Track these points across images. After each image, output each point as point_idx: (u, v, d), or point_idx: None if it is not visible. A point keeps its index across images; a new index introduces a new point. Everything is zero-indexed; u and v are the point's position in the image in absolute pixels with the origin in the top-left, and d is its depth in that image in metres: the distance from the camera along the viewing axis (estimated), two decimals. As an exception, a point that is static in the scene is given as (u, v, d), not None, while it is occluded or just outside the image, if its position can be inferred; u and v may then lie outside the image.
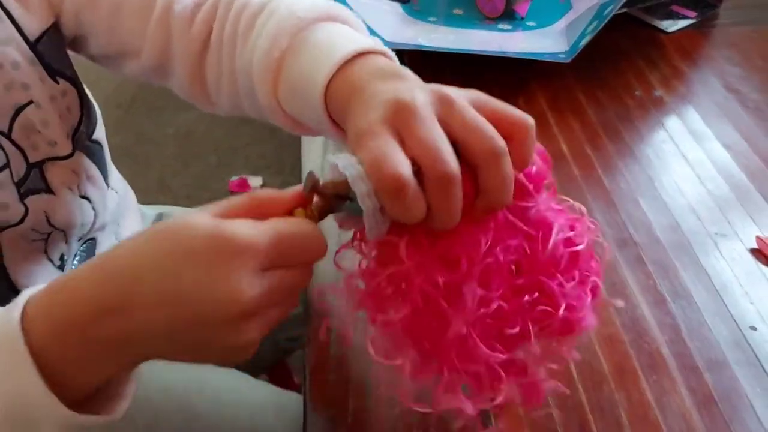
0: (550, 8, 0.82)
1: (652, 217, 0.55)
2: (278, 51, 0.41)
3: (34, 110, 0.46)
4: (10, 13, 0.44)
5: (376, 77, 0.35)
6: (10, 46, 0.44)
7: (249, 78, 0.44)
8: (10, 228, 0.46)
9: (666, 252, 0.52)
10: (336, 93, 0.37)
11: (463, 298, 0.30)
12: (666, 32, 0.80)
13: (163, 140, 1.69)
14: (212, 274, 0.28)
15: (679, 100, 0.69)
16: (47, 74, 0.47)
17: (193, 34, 0.47)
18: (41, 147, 0.47)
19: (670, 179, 0.59)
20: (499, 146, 0.30)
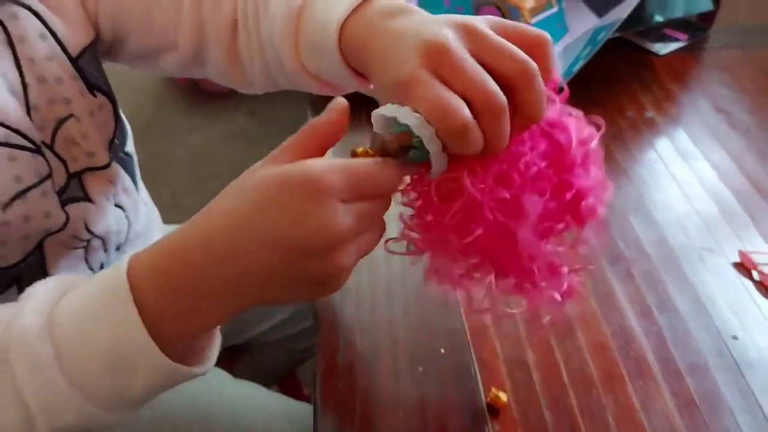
0: (547, 32, 0.86)
1: (641, 233, 0.58)
2: (294, 9, 0.44)
3: (74, 123, 0.50)
4: (54, 32, 0.48)
5: (386, 16, 0.38)
6: (54, 62, 0.48)
7: (274, 46, 0.47)
8: (53, 235, 0.49)
9: (654, 266, 0.55)
10: (351, 39, 0.40)
11: (523, 208, 0.35)
12: (658, 55, 0.83)
13: (177, 160, 1.74)
14: (303, 214, 0.31)
15: (669, 121, 0.72)
16: (87, 89, 0.50)
17: (223, 16, 0.50)
18: (80, 158, 0.51)
19: (659, 197, 0.62)
20: (532, 67, 0.33)
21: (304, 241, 0.32)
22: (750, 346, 0.48)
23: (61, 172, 0.49)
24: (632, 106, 0.74)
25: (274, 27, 0.46)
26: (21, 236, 0.46)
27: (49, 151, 0.48)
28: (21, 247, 0.47)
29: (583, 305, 0.52)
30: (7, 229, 0.45)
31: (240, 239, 0.32)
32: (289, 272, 0.33)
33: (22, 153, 0.45)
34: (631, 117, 0.73)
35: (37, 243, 0.48)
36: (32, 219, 0.46)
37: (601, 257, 0.56)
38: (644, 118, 0.72)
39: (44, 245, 0.49)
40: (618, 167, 0.66)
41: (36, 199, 0.46)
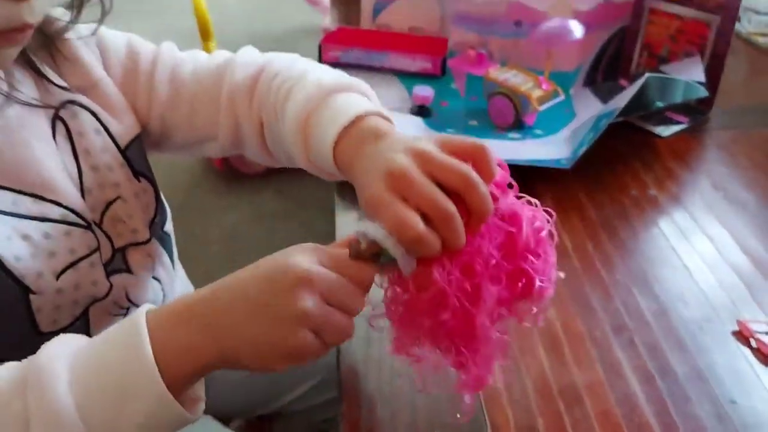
0: (556, 118, 0.93)
1: (644, 304, 0.62)
2: (301, 122, 0.52)
3: (121, 204, 0.57)
4: (107, 127, 0.57)
5: (364, 140, 0.47)
6: (107, 153, 0.56)
7: (288, 145, 0.55)
8: (98, 302, 0.56)
9: (656, 336, 0.58)
10: (341, 156, 0.49)
11: (482, 296, 0.41)
12: (660, 136, 0.89)
13: (211, 239, 1.83)
14: (275, 289, 0.39)
15: (671, 199, 0.77)
16: (133, 175, 0.59)
17: (253, 112, 0.59)
18: (125, 234, 0.58)
19: (661, 271, 0.66)
20: (473, 177, 0.40)
21: (270, 310, 0.39)
22: (748, 410, 0.51)
23: (108, 247, 0.57)
24: (635, 185, 0.79)
25: (288, 134, 0.54)
26: (71, 302, 0.53)
27: (98, 228, 0.56)
28: (71, 311, 0.53)
29: (591, 373, 0.55)
30: (60, 295, 0.52)
31: (228, 295, 0.40)
32: (254, 331, 0.39)
33: (76, 229, 0.53)
34: (634, 195, 0.78)
35: (84, 309, 0.55)
36: (81, 287, 0.53)
37: (606, 327, 0.60)
38: (647, 197, 0.78)
39: (90, 311, 0.55)
40: (622, 243, 0.70)
41: (85, 270, 0.53)
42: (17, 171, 0.50)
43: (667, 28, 0.97)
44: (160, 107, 0.60)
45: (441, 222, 0.39)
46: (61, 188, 0.52)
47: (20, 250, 0.48)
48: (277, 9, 3.07)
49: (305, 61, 0.60)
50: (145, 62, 0.60)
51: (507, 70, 0.93)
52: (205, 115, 0.60)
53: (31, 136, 0.51)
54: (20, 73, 0.52)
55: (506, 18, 0.99)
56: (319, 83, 0.53)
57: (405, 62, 1.02)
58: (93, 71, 0.57)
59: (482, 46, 1.02)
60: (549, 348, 0.57)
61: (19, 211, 0.49)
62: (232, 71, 0.60)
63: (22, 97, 0.50)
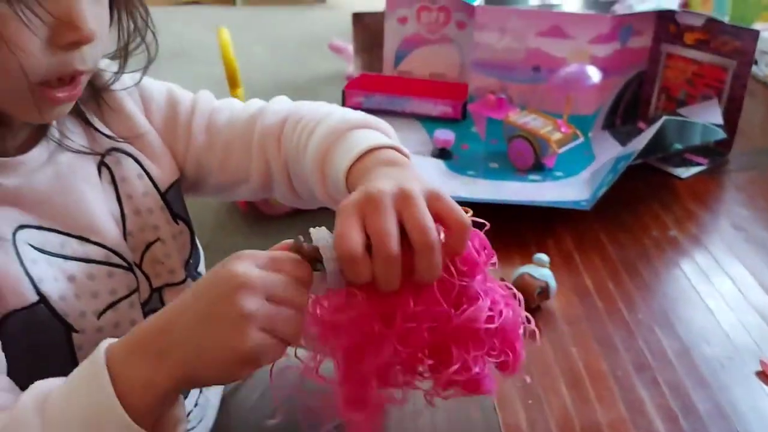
0: (575, 160, 0.94)
1: (666, 343, 0.62)
2: (319, 159, 0.54)
3: (160, 246, 0.60)
4: (148, 173, 0.60)
5: (377, 166, 0.49)
6: (148, 197, 0.60)
7: (308, 180, 0.57)
8: None
9: (679, 375, 0.59)
10: (352, 181, 0.50)
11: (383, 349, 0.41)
12: (680, 178, 0.91)
13: (235, 278, 1.85)
14: (217, 295, 0.39)
15: (692, 240, 0.78)
16: (171, 218, 0.61)
17: (281, 154, 0.61)
18: (162, 275, 0.61)
19: (683, 310, 0.67)
20: (431, 241, 0.39)
21: (213, 316, 0.38)
22: (773, 451, 0.51)
23: (146, 287, 0.59)
24: (656, 226, 0.80)
25: (308, 168, 0.57)
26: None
27: (138, 268, 0.58)
28: None
29: (613, 412, 0.56)
30: (100, 334, 0.54)
31: (174, 311, 0.41)
32: (203, 342, 0.38)
33: (118, 270, 0.55)
34: (655, 236, 0.79)
35: None
36: (120, 326, 0.55)
37: (629, 366, 0.60)
38: (668, 237, 0.78)
39: None
40: (644, 283, 0.71)
41: (125, 309, 0.56)
42: (66, 214, 0.53)
43: (684, 73, 1.00)
44: (196, 152, 0.64)
45: (380, 259, 0.39)
46: (105, 231, 0.55)
47: (65, 290, 0.51)
48: (303, 57, 3.16)
49: (331, 106, 0.64)
50: (183, 110, 0.64)
51: (526, 114, 0.95)
52: (238, 159, 0.64)
53: (80, 182, 0.54)
54: (70, 122, 0.55)
55: (525, 64, 1.02)
56: (340, 120, 0.56)
57: (426, 107, 1.05)
58: (136, 120, 0.60)
59: (502, 90, 1.05)
60: (571, 386, 0.58)
61: (66, 252, 0.52)
62: (263, 118, 0.63)
63: (73, 145, 0.54)
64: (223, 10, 3.81)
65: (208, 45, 2.62)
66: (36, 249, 0.50)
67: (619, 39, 0.99)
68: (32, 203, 0.51)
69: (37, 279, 0.49)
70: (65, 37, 0.45)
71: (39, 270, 0.50)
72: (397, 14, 1.11)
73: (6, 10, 0.42)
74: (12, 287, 0.48)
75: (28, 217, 0.50)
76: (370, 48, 1.34)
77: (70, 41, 0.45)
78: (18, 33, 0.43)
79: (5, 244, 0.48)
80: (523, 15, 1.01)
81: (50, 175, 0.52)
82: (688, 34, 0.98)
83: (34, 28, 0.43)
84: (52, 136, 0.53)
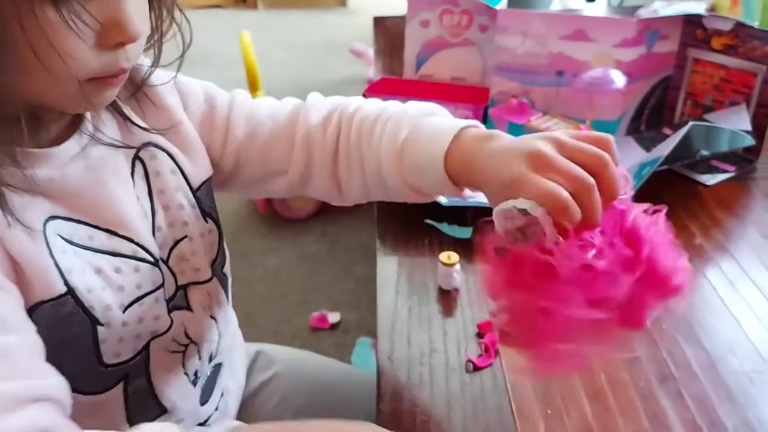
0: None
1: (691, 354, 0.61)
2: (400, 141, 0.57)
3: (187, 243, 0.60)
4: (181, 168, 0.60)
5: (481, 141, 0.52)
6: (179, 192, 0.59)
7: (378, 169, 0.59)
8: (158, 337, 0.58)
9: (704, 387, 0.57)
10: (453, 161, 0.53)
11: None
12: (706, 185, 0.88)
13: (253, 280, 1.86)
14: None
15: (718, 248, 0.76)
16: (201, 215, 0.61)
17: (326, 146, 0.62)
18: (188, 272, 0.61)
19: (709, 320, 0.65)
20: (605, 157, 0.46)
21: None
22: (804, 468, 0.49)
23: (172, 283, 0.59)
24: (681, 234, 0.77)
25: (380, 155, 0.58)
26: (134, 335, 0.55)
27: (164, 265, 0.58)
28: (133, 345, 0.55)
29: (635, 424, 0.54)
30: (124, 328, 0.54)
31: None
32: None
33: (144, 265, 0.55)
34: (680, 244, 0.77)
35: (145, 343, 0.56)
36: (145, 320, 0.55)
37: (652, 377, 0.58)
38: (693, 245, 0.77)
39: (150, 346, 0.57)
40: (667, 291, 0.69)
41: (150, 304, 0.56)
42: (96, 208, 0.53)
43: (712, 78, 0.98)
44: (236, 143, 0.64)
45: (582, 192, 0.44)
46: (134, 225, 0.55)
47: (92, 282, 0.51)
48: (323, 60, 3.18)
49: (377, 99, 0.65)
50: (221, 105, 0.64)
51: (549, 118, 0.94)
52: (280, 151, 0.64)
53: (111, 175, 0.54)
54: (105, 116, 0.56)
55: (547, 68, 1.01)
56: (408, 109, 0.59)
57: (447, 111, 1.04)
58: (175, 114, 0.61)
59: (524, 95, 1.03)
60: (593, 396, 0.57)
61: (94, 245, 0.52)
62: (307, 112, 0.64)
63: (105, 139, 0.54)
64: (244, 13, 3.84)
65: (229, 48, 2.64)
66: (65, 240, 0.50)
67: (645, 43, 0.97)
68: (63, 195, 0.51)
69: (66, 270, 0.49)
70: (112, 39, 0.45)
71: (68, 261, 0.50)
72: (419, 17, 1.10)
73: (54, 17, 0.42)
74: (41, 278, 0.47)
75: (58, 209, 0.51)
76: (391, 51, 1.34)
77: (117, 42, 0.45)
78: (66, 40, 0.43)
79: (36, 234, 0.48)
80: (546, 18, 1.00)
81: (81, 168, 0.52)
82: (715, 38, 0.96)
83: (82, 34, 0.43)
84: (86, 130, 0.53)
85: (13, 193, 0.47)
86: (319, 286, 1.84)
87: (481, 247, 0.48)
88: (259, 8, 3.87)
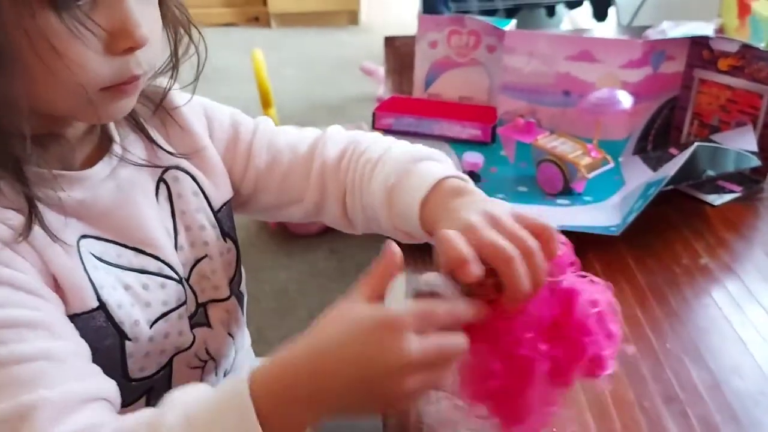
0: (605, 185, 0.93)
1: (696, 375, 0.61)
2: (389, 188, 0.58)
3: (207, 262, 0.62)
4: (203, 190, 0.61)
5: (450, 196, 0.53)
6: (201, 213, 0.61)
7: (374, 211, 0.60)
8: (181, 353, 0.59)
9: (709, 408, 0.57)
10: (427, 214, 0.54)
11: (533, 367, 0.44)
12: (712, 205, 0.89)
13: (262, 296, 1.87)
14: (382, 344, 0.40)
15: (724, 268, 0.76)
16: (221, 235, 0.63)
17: (338, 181, 0.64)
18: (208, 290, 0.62)
19: (714, 341, 0.65)
20: (533, 246, 0.44)
21: (381, 365, 0.40)
22: (808, 491, 0.49)
23: (193, 301, 0.61)
24: (686, 253, 0.79)
25: (374, 200, 0.59)
26: (159, 351, 0.57)
27: (186, 283, 0.59)
28: (158, 360, 0.57)
29: (640, 444, 0.55)
30: (151, 343, 0.55)
31: (329, 362, 0.41)
32: (367, 388, 0.41)
33: (170, 282, 0.57)
34: (685, 264, 0.77)
35: (169, 358, 0.58)
36: (170, 336, 0.57)
37: (657, 397, 0.59)
38: (698, 265, 0.77)
39: (173, 361, 0.58)
40: (672, 311, 0.70)
41: (174, 321, 0.57)
42: (124, 227, 0.55)
43: (718, 99, 0.98)
44: (255, 171, 0.66)
45: (503, 263, 0.43)
46: (159, 244, 0.56)
47: (122, 298, 0.53)
48: (334, 79, 3.20)
49: (388, 138, 0.66)
50: (245, 132, 0.66)
51: (556, 137, 0.95)
52: (297, 180, 0.66)
53: (139, 196, 0.56)
54: (132, 138, 0.57)
55: (554, 88, 1.02)
56: (402, 154, 0.60)
57: (455, 129, 1.05)
58: (201, 140, 0.63)
59: (531, 114, 1.04)
60: (597, 416, 0.57)
61: (123, 263, 0.54)
62: (324, 145, 0.66)
63: (134, 160, 0.56)
64: (257, 31, 3.88)
65: (242, 66, 2.67)
66: (96, 258, 0.52)
67: (651, 64, 0.98)
68: (94, 216, 0.53)
69: (99, 285, 0.51)
70: (120, 45, 0.46)
71: (99, 277, 0.51)
72: (427, 38, 1.12)
73: (58, 26, 0.42)
74: (76, 291, 0.49)
75: (89, 228, 0.52)
76: (401, 70, 1.36)
77: (124, 48, 0.46)
78: (72, 47, 0.43)
79: (71, 249, 0.50)
80: (552, 39, 1.01)
81: (111, 189, 0.54)
82: (722, 60, 0.96)
83: (88, 42, 0.44)
84: (116, 153, 0.55)
85: (50, 213, 0.49)
86: (329, 301, 1.82)
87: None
88: (272, 27, 3.92)
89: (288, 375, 0.42)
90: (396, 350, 0.40)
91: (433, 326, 0.42)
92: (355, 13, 3.91)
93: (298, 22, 3.91)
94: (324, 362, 0.41)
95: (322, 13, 3.87)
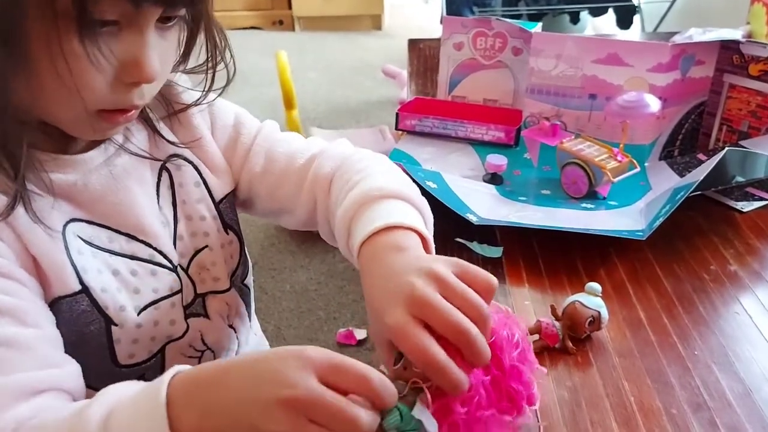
0: (630, 189, 0.92)
1: (725, 383, 0.59)
2: (347, 221, 0.55)
3: (207, 253, 0.62)
4: (205, 181, 0.62)
5: (388, 249, 0.49)
6: (202, 204, 0.61)
7: (338, 237, 0.58)
8: (174, 342, 0.59)
9: (739, 417, 0.56)
10: (363, 256, 0.51)
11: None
12: (741, 212, 0.87)
13: (281, 296, 1.87)
14: (279, 364, 0.38)
15: (753, 275, 0.74)
16: (222, 227, 0.63)
17: (327, 202, 0.63)
18: (207, 281, 0.62)
19: (744, 349, 0.64)
20: (486, 313, 0.43)
21: (266, 386, 0.38)
22: (842, 504, 0.48)
23: (191, 291, 0.61)
24: (714, 260, 0.77)
25: (338, 225, 0.58)
26: (149, 338, 0.57)
27: (184, 272, 0.60)
28: (148, 348, 0.57)
29: (666, 451, 0.53)
30: (139, 330, 0.56)
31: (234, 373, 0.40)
32: (246, 410, 0.38)
33: (161, 270, 0.57)
34: (713, 270, 0.76)
35: (161, 347, 0.58)
36: (160, 324, 0.57)
37: (684, 405, 0.57)
38: (727, 272, 0.75)
39: (166, 350, 0.59)
40: (702, 319, 0.68)
41: (165, 309, 0.58)
42: (117, 213, 0.55)
43: (748, 104, 0.97)
44: (250, 175, 0.66)
45: (466, 344, 0.41)
46: (152, 231, 0.57)
47: (108, 283, 0.53)
48: (357, 82, 3.21)
49: (381, 162, 0.64)
50: (246, 135, 0.66)
51: (581, 141, 0.94)
52: (288, 191, 0.65)
53: (134, 183, 0.56)
54: (136, 126, 0.58)
55: (581, 91, 1.01)
56: (372, 187, 0.56)
57: (479, 132, 1.04)
58: (201, 133, 0.63)
59: (556, 117, 1.03)
60: (622, 422, 0.56)
61: (113, 248, 0.54)
62: (320, 162, 0.65)
63: (133, 149, 0.56)
64: (281, 35, 3.91)
65: (266, 68, 2.69)
66: (84, 241, 0.53)
67: (680, 68, 0.96)
68: (86, 200, 0.53)
69: (81, 269, 0.51)
70: (130, 77, 0.47)
71: (84, 261, 0.52)
72: (452, 40, 1.12)
73: (78, 49, 0.44)
74: (58, 275, 0.50)
75: (79, 212, 0.53)
76: (425, 73, 1.35)
77: (134, 81, 0.48)
78: (86, 71, 0.45)
79: (55, 234, 0.51)
80: (580, 42, 1.00)
81: (104, 176, 0.55)
82: (753, 65, 0.95)
83: (101, 68, 0.46)
84: (116, 141, 0.55)
85: (37, 195, 0.49)
86: (347, 302, 1.84)
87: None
88: (296, 30, 3.94)
89: (199, 378, 0.40)
90: (288, 376, 0.37)
91: (341, 381, 0.38)
92: (378, 17, 3.93)
93: (322, 26, 3.93)
94: (227, 373, 0.40)
95: (345, 17, 3.89)
